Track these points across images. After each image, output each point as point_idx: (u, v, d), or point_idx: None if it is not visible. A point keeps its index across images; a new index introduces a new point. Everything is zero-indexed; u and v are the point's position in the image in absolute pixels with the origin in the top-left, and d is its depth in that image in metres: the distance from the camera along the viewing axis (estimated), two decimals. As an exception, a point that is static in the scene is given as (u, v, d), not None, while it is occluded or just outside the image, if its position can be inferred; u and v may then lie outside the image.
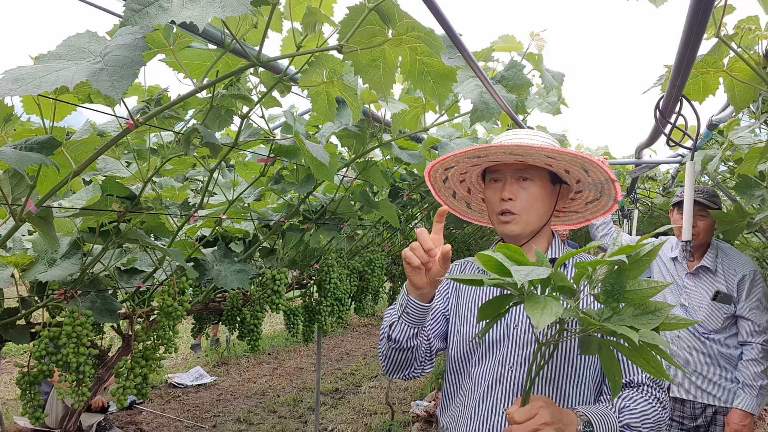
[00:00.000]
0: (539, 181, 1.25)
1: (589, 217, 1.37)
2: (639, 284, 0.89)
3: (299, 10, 1.36)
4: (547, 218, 1.29)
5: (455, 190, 1.44)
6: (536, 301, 0.85)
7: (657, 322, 0.85)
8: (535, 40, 1.90)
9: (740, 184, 2.27)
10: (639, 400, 1.15)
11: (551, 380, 1.20)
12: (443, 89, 1.35)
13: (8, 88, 0.80)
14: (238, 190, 1.93)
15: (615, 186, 1.21)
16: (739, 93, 1.57)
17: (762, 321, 2.38)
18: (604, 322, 0.89)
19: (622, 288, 0.90)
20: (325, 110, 1.49)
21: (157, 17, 0.83)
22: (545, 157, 1.18)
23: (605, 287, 0.91)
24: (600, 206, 1.33)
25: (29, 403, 1.41)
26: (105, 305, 1.49)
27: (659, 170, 4.84)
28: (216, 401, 5.02)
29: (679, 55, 1.19)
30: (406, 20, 1.16)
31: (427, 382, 5.53)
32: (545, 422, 0.97)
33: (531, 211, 1.25)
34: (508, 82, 1.78)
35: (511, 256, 0.89)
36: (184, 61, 1.34)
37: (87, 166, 1.14)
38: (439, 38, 1.19)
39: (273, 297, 2.03)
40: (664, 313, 0.86)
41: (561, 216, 1.42)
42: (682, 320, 0.87)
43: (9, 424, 3.94)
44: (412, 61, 1.27)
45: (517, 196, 1.25)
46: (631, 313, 0.89)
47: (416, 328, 1.19)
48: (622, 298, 0.90)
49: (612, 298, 0.91)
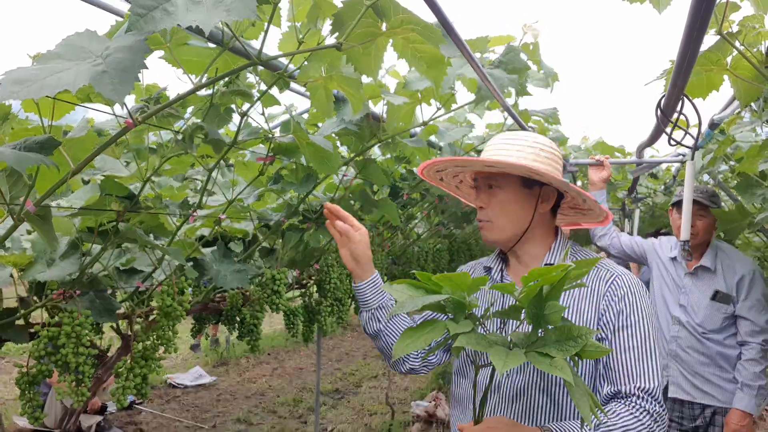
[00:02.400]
0: (508, 187, 1.25)
1: (601, 213, 1.34)
2: (551, 307, 0.89)
3: (302, 11, 1.36)
4: (527, 222, 1.26)
5: (443, 177, 1.48)
6: (420, 329, 0.89)
7: (576, 348, 0.84)
8: (529, 31, 1.92)
9: (741, 184, 2.27)
10: (622, 414, 1.07)
11: (544, 389, 1.18)
12: (437, 72, 1.36)
13: (9, 90, 0.79)
14: (238, 189, 1.92)
15: (575, 188, 1.22)
16: (744, 90, 1.56)
17: (761, 321, 2.38)
18: (528, 346, 0.89)
19: (542, 311, 0.90)
20: (323, 105, 1.49)
21: (163, 21, 0.83)
22: (485, 167, 1.25)
23: (531, 309, 0.91)
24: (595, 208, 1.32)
25: (28, 403, 1.41)
26: (104, 305, 1.48)
27: (661, 167, 4.82)
28: (216, 401, 5.01)
29: (680, 54, 1.19)
30: (402, 15, 1.15)
31: (427, 382, 5.53)
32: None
33: (503, 217, 1.26)
34: (506, 66, 1.82)
35: (416, 284, 0.93)
36: (183, 58, 1.33)
37: (85, 165, 1.14)
38: (437, 30, 1.18)
39: (273, 297, 2.02)
40: (585, 339, 0.85)
41: (587, 213, 1.38)
42: (599, 348, 0.86)
43: (8, 424, 3.93)
44: (404, 46, 1.29)
45: (488, 203, 1.27)
46: (555, 337, 0.88)
47: (369, 311, 1.32)
48: (544, 321, 0.90)
49: (537, 323, 0.91)
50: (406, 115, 1.91)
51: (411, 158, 2.63)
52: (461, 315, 0.91)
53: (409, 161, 2.66)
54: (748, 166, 2.04)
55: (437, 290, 0.90)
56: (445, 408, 4.35)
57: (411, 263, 3.56)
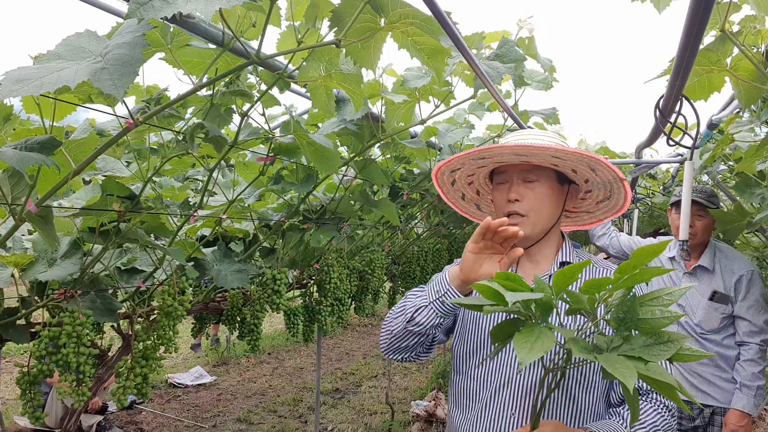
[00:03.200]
0: (546, 182, 1.23)
1: (600, 216, 1.35)
2: (653, 313, 0.85)
3: (300, 10, 1.36)
4: (555, 219, 1.27)
5: (464, 192, 1.43)
6: (529, 333, 0.83)
7: (669, 353, 0.82)
8: (524, 26, 1.92)
9: (740, 183, 2.27)
10: (648, 411, 1.14)
11: (562, 386, 1.18)
12: (438, 63, 1.34)
13: (10, 89, 0.80)
14: (238, 189, 1.93)
15: (624, 184, 1.20)
16: (746, 91, 1.56)
17: (759, 321, 2.38)
18: (612, 350, 0.85)
19: (635, 316, 0.86)
20: (324, 104, 1.49)
21: (162, 10, 0.82)
22: (551, 156, 1.16)
23: (617, 314, 0.87)
24: (611, 205, 1.31)
25: (29, 403, 1.41)
26: (105, 305, 1.49)
27: (660, 168, 4.83)
28: (216, 401, 5.02)
29: (679, 54, 1.19)
30: (401, 9, 1.15)
31: (427, 382, 5.53)
32: None
33: (539, 211, 1.23)
34: (503, 58, 1.81)
35: (507, 285, 0.86)
36: (183, 59, 1.34)
37: (87, 166, 1.14)
38: (437, 24, 1.17)
39: (273, 297, 2.03)
40: (678, 345, 0.82)
41: (573, 217, 1.40)
42: (697, 352, 0.83)
43: (9, 424, 3.94)
44: (403, 39, 1.28)
45: (524, 196, 1.23)
46: (642, 342, 0.85)
47: (444, 318, 1.18)
48: (634, 326, 0.86)
49: (623, 326, 0.87)
50: (406, 114, 1.91)
51: (411, 158, 2.64)
52: (547, 316, 0.88)
53: (408, 161, 2.66)
54: (747, 166, 2.05)
55: (526, 289, 0.86)
56: (444, 407, 4.35)
57: (411, 263, 3.56)
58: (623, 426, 1.10)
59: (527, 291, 0.85)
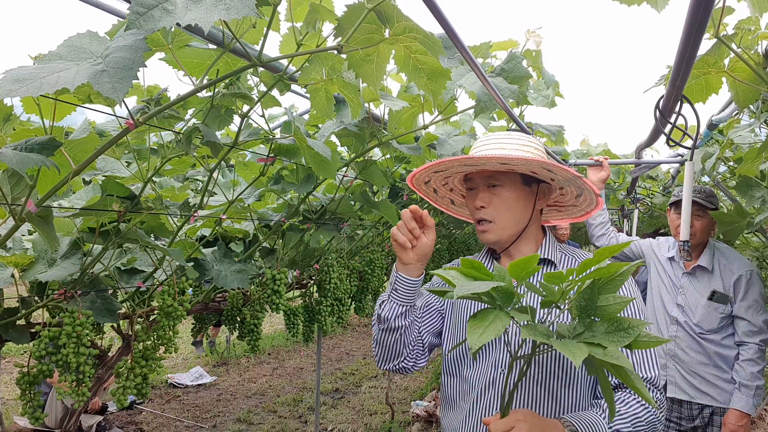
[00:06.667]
0: (510, 186, 1.25)
1: (587, 209, 1.36)
2: (607, 300, 0.90)
3: (300, 11, 1.36)
4: (526, 220, 1.28)
5: (450, 197, 1.47)
6: (483, 318, 0.86)
7: (628, 339, 0.85)
8: (531, 37, 1.91)
9: (740, 185, 2.27)
10: (630, 402, 1.13)
11: (542, 383, 1.19)
12: (437, 86, 1.36)
13: (9, 88, 0.80)
14: (238, 190, 1.93)
15: (584, 182, 1.22)
16: (742, 93, 1.57)
17: (758, 321, 2.38)
18: (575, 338, 0.89)
19: (594, 303, 0.90)
20: (323, 107, 1.49)
21: (162, 20, 0.82)
22: (499, 164, 1.20)
23: (578, 302, 0.91)
24: (588, 201, 1.33)
25: (29, 403, 1.41)
26: (105, 305, 1.49)
27: (660, 169, 4.83)
28: (216, 401, 5.02)
29: (678, 55, 1.19)
30: (405, 22, 1.16)
31: (427, 382, 5.53)
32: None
33: (505, 216, 1.25)
34: (508, 74, 1.80)
35: (470, 273, 0.90)
36: (184, 60, 1.34)
37: (87, 166, 1.14)
38: (438, 41, 1.19)
39: (273, 297, 2.03)
40: (637, 331, 0.86)
41: (563, 210, 1.42)
42: (654, 338, 0.87)
43: (9, 424, 3.94)
44: (406, 56, 1.29)
45: (490, 202, 1.26)
46: (604, 329, 0.89)
47: (405, 306, 1.23)
48: (594, 313, 0.90)
49: (585, 314, 0.91)
50: (408, 120, 1.91)
51: (411, 159, 2.64)
52: (508, 304, 0.91)
53: (409, 161, 2.66)
54: (748, 169, 2.05)
55: (488, 278, 0.89)
56: (444, 408, 4.35)
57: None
58: (602, 417, 1.09)
59: (490, 280, 0.88)
